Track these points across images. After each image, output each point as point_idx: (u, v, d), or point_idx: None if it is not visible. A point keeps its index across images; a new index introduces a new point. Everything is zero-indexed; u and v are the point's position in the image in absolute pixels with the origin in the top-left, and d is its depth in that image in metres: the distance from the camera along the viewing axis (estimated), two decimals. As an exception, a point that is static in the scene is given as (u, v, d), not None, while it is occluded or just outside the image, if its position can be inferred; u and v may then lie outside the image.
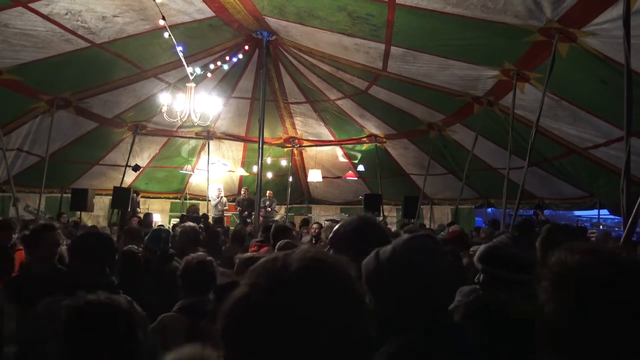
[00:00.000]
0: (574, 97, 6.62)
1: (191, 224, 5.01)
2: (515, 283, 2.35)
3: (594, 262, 0.93)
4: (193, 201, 15.60)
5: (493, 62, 6.78)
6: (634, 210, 3.62)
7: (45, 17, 6.50)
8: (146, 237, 4.71)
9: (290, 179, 14.85)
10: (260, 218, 11.45)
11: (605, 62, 5.31)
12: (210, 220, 12.75)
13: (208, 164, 13.96)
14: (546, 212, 10.84)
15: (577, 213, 19.31)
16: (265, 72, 10.11)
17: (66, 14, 6.59)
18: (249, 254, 3.23)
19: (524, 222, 6.32)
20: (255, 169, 12.20)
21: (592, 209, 11.00)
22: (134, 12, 7.09)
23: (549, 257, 1.01)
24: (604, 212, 10.86)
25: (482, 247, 2.67)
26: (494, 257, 2.49)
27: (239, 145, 14.57)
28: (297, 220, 14.03)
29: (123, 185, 12.56)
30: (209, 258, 3.14)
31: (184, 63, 8.15)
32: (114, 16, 7.02)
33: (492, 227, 9.35)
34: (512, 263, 2.42)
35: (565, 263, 0.95)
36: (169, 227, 13.08)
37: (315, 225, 8.34)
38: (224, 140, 14.12)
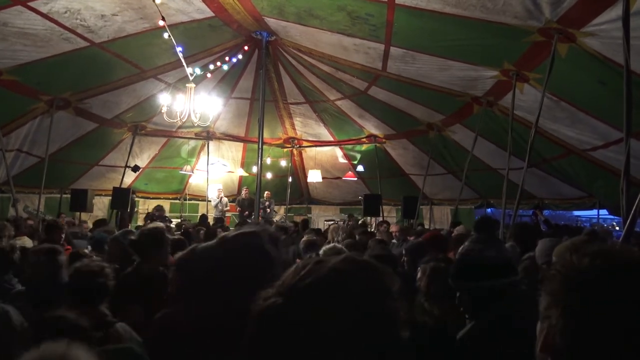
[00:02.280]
0: (573, 97, 6.62)
1: (157, 224, 4.81)
2: (502, 291, 2.07)
3: (606, 264, 0.90)
4: (192, 202, 15.60)
5: (492, 62, 6.78)
6: (633, 211, 3.62)
7: (44, 16, 6.49)
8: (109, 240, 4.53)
9: (290, 179, 14.86)
10: (260, 218, 11.45)
11: (604, 63, 5.31)
12: (210, 220, 12.75)
13: (207, 164, 13.96)
14: (545, 212, 10.84)
15: (576, 213, 19.31)
16: (264, 73, 10.11)
17: (65, 12, 6.58)
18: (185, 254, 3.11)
19: (482, 220, 5.53)
20: (254, 169, 12.21)
21: (592, 209, 11.00)
22: (133, 11, 7.08)
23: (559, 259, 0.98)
24: (603, 212, 10.87)
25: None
26: (469, 269, 2.16)
27: (239, 146, 14.58)
28: (297, 220, 14.04)
29: (122, 186, 12.57)
30: (93, 266, 2.77)
31: (184, 63, 8.15)
32: (113, 15, 7.02)
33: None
34: (491, 268, 2.10)
35: (575, 265, 0.92)
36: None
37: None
38: (223, 141, 14.13)
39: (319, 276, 0.89)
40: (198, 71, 8.90)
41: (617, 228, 15.76)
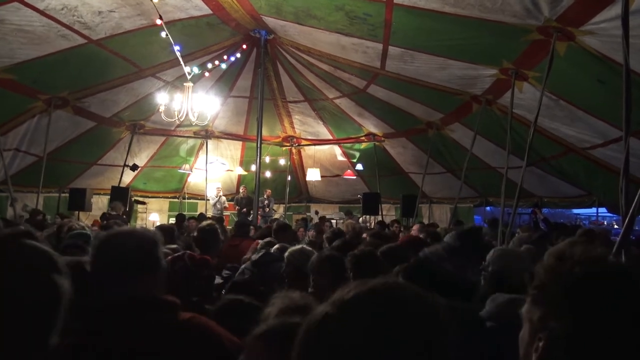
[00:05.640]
0: (572, 96, 6.61)
1: (210, 221, 4.98)
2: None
3: (601, 271, 0.90)
4: (191, 200, 15.57)
5: (491, 61, 6.77)
6: (632, 209, 3.62)
7: (41, 12, 6.45)
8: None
9: (289, 177, 14.84)
10: (259, 217, 11.45)
11: (603, 62, 5.29)
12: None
13: (206, 163, 13.93)
14: (544, 210, 10.84)
15: (575, 211, 19.34)
16: (263, 71, 10.11)
17: (62, 8, 6.55)
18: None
19: (469, 230, 5.09)
20: (253, 167, 12.21)
21: (591, 207, 11.00)
22: (130, 7, 7.04)
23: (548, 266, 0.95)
24: (602, 210, 10.87)
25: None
26: (419, 273, 1.95)
27: (237, 144, 14.56)
28: (295, 219, 14.05)
29: (121, 185, 12.56)
30: None
31: (182, 62, 8.12)
32: (110, 11, 6.98)
33: (491, 226, 9.33)
34: (444, 284, 1.85)
35: (569, 273, 0.90)
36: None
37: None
38: (222, 140, 14.11)
39: (375, 290, 0.85)
40: (196, 70, 8.87)
41: (616, 226, 15.77)
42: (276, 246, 4.51)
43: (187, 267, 2.74)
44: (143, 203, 14.23)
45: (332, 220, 12.50)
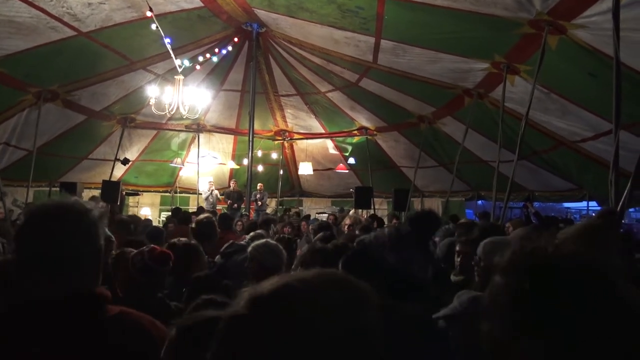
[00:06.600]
0: (564, 89, 6.63)
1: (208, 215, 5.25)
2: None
3: (564, 266, 0.87)
4: (183, 195, 15.51)
5: (483, 55, 6.78)
6: (621, 202, 3.65)
7: (30, 4, 6.35)
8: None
9: (281, 171, 14.82)
10: (252, 211, 11.43)
11: (594, 55, 5.32)
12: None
13: (198, 157, 13.88)
14: (535, 204, 10.90)
15: (566, 205, 19.45)
16: (255, 65, 10.06)
17: (51, 0, 6.48)
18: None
19: (422, 215, 4.26)
20: (245, 161, 12.18)
21: (581, 201, 11.08)
22: (120, -1, 6.99)
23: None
24: (593, 203, 10.95)
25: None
26: (358, 264, 1.75)
27: (229, 138, 14.51)
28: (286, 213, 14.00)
29: (112, 179, 12.48)
30: None
31: (172, 55, 8.06)
32: (100, 3, 6.90)
33: (482, 219, 9.38)
34: (386, 280, 1.64)
35: (530, 268, 0.88)
36: (160, 220, 13.06)
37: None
38: (214, 133, 14.05)
39: (287, 286, 0.82)
40: (187, 63, 8.81)
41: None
42: (250, 235, 4.56)
43: (145, 262, 2.69)
44: (136, 194, 14.17)
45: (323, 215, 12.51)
